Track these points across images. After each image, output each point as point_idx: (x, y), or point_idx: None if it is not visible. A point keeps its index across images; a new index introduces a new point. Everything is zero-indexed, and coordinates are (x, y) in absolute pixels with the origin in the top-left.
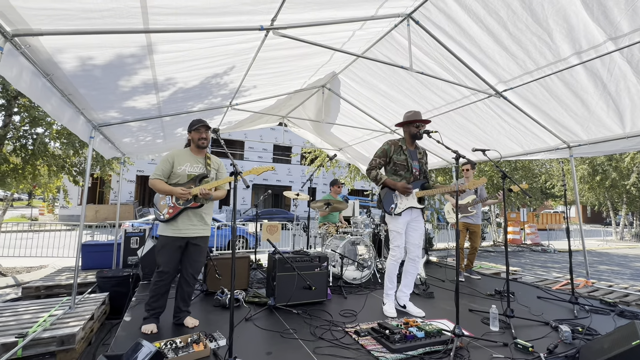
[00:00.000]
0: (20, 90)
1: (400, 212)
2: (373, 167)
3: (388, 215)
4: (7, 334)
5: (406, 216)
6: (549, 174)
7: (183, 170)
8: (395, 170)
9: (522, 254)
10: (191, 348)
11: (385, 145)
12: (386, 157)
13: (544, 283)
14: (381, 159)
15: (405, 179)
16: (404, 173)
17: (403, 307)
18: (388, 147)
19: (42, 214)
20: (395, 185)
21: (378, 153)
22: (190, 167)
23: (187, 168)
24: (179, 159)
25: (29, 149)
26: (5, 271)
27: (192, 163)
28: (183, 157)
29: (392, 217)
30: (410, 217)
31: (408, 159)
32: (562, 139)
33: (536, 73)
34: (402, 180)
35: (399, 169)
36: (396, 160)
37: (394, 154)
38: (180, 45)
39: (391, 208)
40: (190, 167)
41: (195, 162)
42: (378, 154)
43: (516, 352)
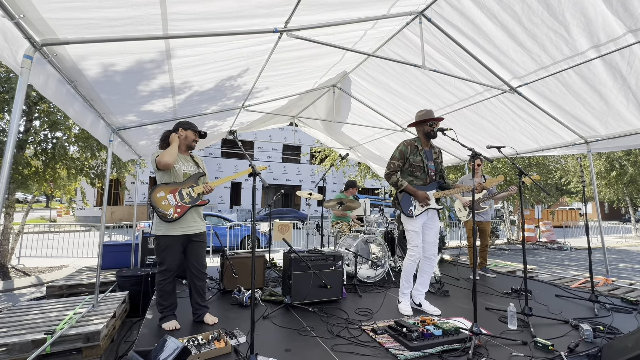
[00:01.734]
0: (47, 96)
1: (420, 213)
2: (393, 171)
3: (406, 216)
4: (35, 330)
5: (423, 217)
6: (565, 170)
7: (179, 169)
8: (411, 172)
9: (538, 252)
10: (213, 345)
11: (401, 146)
12: (403, 158)
13: (562, 281)
14: (399, 162)
15: (421, 180)
16: (420, 174)
17: (419, 306)
18: (404, 148)
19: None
20: (416, 193)
21: (395, 155)
22: (184, 166)
23: (181, 167)
24: None
25: (49, 152)
26: (28, 271)
27: (184, 162)
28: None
29: (410, 219)
30: (427, 217)
31: (424, 159)
32: (579, 134)
33: (552, 68)
34: (419, 181)
35: (415, 170)
36: (412, 161)
37: (411, 154)
38: (198, 49)
39: (410, 210)
40: (184, 166)
41: (186, 161)
42: (395, 156)
43: (536, 351)
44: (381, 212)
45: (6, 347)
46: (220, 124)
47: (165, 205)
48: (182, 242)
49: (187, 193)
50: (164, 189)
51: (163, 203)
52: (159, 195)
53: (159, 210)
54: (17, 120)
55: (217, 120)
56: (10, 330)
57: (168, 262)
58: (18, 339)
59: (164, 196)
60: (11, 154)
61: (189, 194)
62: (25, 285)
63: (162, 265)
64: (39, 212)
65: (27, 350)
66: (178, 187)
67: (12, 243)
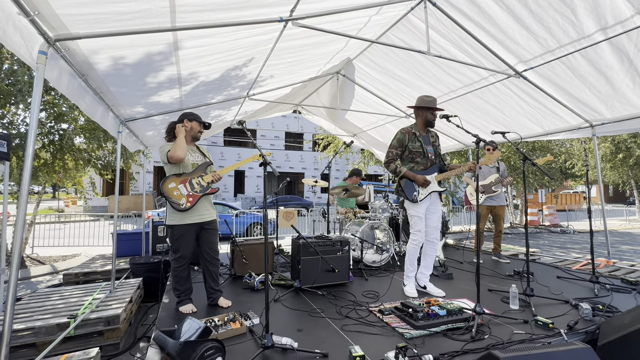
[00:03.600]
0: (60, 90)
1: (424, 198)
2: (391, 159)
3: (410, 202)
4: (58, 315)
5: (427, 202)
6: (569, 154)
7: (187, 160)
8: (412, 158)
9: (541, 235)
10: (229, 326)
11: (399, 134)
12: (402, 146)
13: (564, 263)
14: (397, 150)
15: (422, 165)
16: (421, 159)
17: (424, 288)
18: (402, 136)
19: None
20: (415, 178)
21: (394, 144)
22: (191, 156)
23: (189, 157)
24: None
25: (56, 144)
26: (43, 260)
27: (191, 152)
28: None
29: (414, 204)
30: (430, 201)
31: (423, 144)
32: (584, 118)
33: (558, 51)
34: (420, 166)
35: (416, 156)
36: (412, 148)
37: (409, 142)
38: (204, 40)
39: (414, 196)
40: (191, 157)
41: (192, 151)
42: (394, 145)
43: (536, 329)
44: (386, 199)
45: (32, 330)
46: (225, 113)
47: (178, 196)
48: (195, 230)
49: (197, 182)
50: (174, 180)
51: (175, 193)
52: (170, 186)
53: (172, 201)
54: (36, 115)
55: (222, 110)
56: (34, 314)
57: (183, 250)
58: (43, 323)
59: (175, 186)
60: (33, 148)
61: (199, 183)
62: (41, 273)
63: (177, 253)
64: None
65: (52, 333)
66: (188, 177)
67: (26, 233)
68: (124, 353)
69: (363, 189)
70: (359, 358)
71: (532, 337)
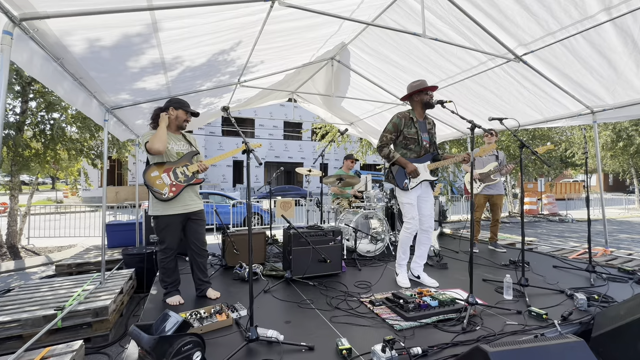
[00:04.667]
0: (33, 75)
1: (415, 186)
2: (385, 143)
3: (401, 189)
4: (46, 307)
5: (418, 189)
6: (569, 142)
7: (171, 148)
8: (405, 144)
9: (539, 224)
10: (215, 318)
11: (395, 119)
12: (397, 131)
13: (561, 252)
14: (392, 134)
15: (415, 153)
16: (414, 147)
17: (417, 278)
18: (398, 120)
19: (67, 197)
20: (406, 165)
21: (388, 128)
22: (176, 145)
23: (174, 146)
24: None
25: (47, 134)
26: (38, 250)
27: (175, 141)
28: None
29: (404, 192)
30: (421, 189)
31: (419, 131)
32: (585, 104)
33: (559, 34)
34: (413, 154)
35: (410, 143)
36: (407, 134)
37: (405, 127)
38: (185, 21)
39: (405, 183)
40: (176, 146)
41: (177, 140)
42: (389, 129)
43: (530, 319)
44: (381, 188)
45: (19, 322)
46: (217, 101)
47: (160, 185)
48: (181, 220)
49: (181, 172)
50: (157, 169)
51: (157, 182)
52: (152, 174)
53: (154, 190)
54: (2, 99)
55: (213, 97)
56: (21, 306)
57: (168, 241)
58: (29, 315)
59: (158, 175)
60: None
61: (184, 172)
62: (36, 264)
63: (162, 244)
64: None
65: (39, 325)
66: (172, 167)
67: (20, 224)
68: (113, 344)
69: (358, 178)
70: (345, 351)
71: (524, 329)
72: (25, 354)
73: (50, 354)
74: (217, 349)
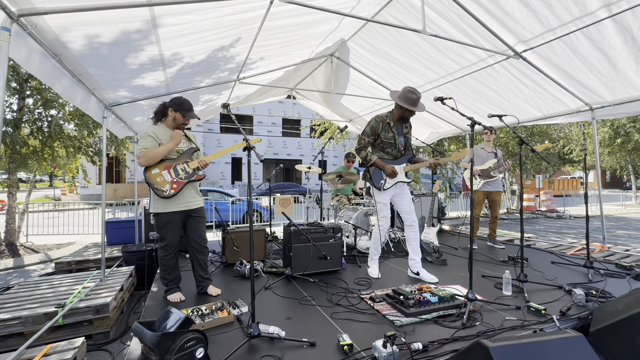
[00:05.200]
0: (31, 72)
1: (390, 187)
2: (363, 146)
3: (376, 189)
4: (47, 304)
5: (392, 190)
6: (568, 139)
7: None
8: (382, 147)
9: (537, 220)
10: (216, 315)
11: (373, 122)
12: (375, 134)
13: (559, 249)
14: (370, 138)
15: (392, 156)
16: (391, 150)
17: (417, 274)
18: (376, 124)
19: (64, 194)
20: (384, 167)
21: (366, 131)
22: None
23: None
24: (162, 136)
25: (45, 131)
26: (37, 248)
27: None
28: (164, 135)
29: (379, 192)
30: (396, 190)
31: (395, 135)
32: (584, 101)
33: (559, 30)
34: (390, 157)
35: (386, 147)
36: (384, 137)
37: (382, 131)
38: (184, 17)
39: (380, 184)
40: None
41: None
42: (367, 132)
43: (529, 315)
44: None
45: (20, 319)
46: (216, 98)
47: (161, 182)
48: (181, 217)
49: (182, 169)
50: (158, 166)
51: (158, 179)
52: (153, 172)
53: (155, 187)
54: (1, 96)
55: (213, 94)
56: (22, 304)
57: (169, 238)
58: (30, 312)
59: (158, 172)
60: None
61: (184, 169)
62: (35, 262)
63: (163, 242)
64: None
65: (39, 322)
66: (172, 164)
67: (18, 222)
68: (114, 341)
69: (358, 175)
70: (346, 347)
71: (523, 324)
72: (27, 351)
73: (52, 351)
74: (219, 345)
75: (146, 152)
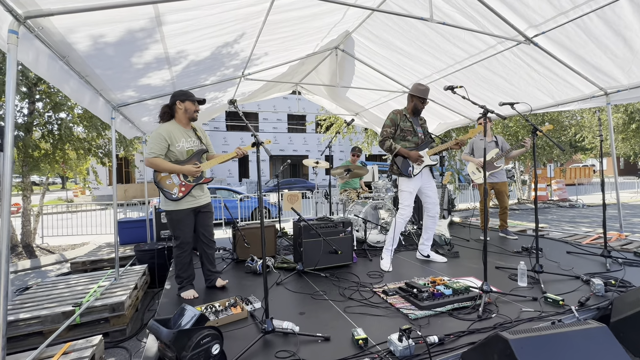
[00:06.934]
0: (40, 74)
1: (418, 172)
2: (386, 137)
3: (405, 177)
4: (64, 303)
5: (419, 178)
6: (580, 126)
7: (182, 147)
8: (403, 137)
9: (549, 210)
10: (230, 311)
11: (391, 115)
12: (395, 125)
13: (574, 238)
14: (391, 128)
15: (413, 143)
16: (412, 137)
17: (427, 257)
18: (395, 116)
19: (77, 196)
20: (409, 154)
21: (387, 123)
22: (187, 142)
23: (184, 144)
24: (173, 135)
25: (55, 134)
26: (52, 249)
27: (186, 138)
28: (176, 133)
29: (408, 179)
30: (422, 179)
31: (413, 125)
32: (598, 86)
33: (572, 12)
34: (412, 144)
35: (407, 135)
36: (403, 127)
37: (401, 121)
38: (188, 13)
39: (409, 170)
40: (186, 143)
41: (188, 136)
42: (387, 124)
43: (546, 306)
44: (389, 178)
45: (39, 318)
46: (222, 95)
47: (170, 185)
48: (192, 214)
49: None
50: None
51: (167, 182)
52: (162, 174)
53: (164, 190)
54: (12, 100)
55: (218, 92)
56: (40, 303)
57: (183, 235)
58: (49, 312)
59: (167, 175)
60: (12, 135)
61: None
62: (51, 262)
63: (177, 239)
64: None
65: (58, 321)
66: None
67: (33, 224)
68: (131, 338)
69: (366, 169)
70: (361, 341)
71: (541, 315)
72: (47, 350)
73: (71, 349)
74: (234, 341)
75: (155, 161)
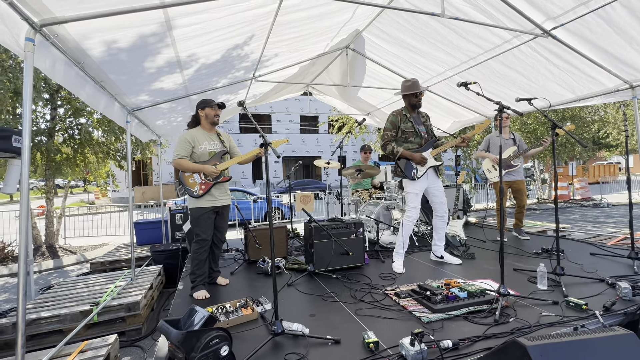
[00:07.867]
0: (57, 81)
1: (422, 174)
2: (387, 141)
3: (409, 180)
4: (82, 302)
5: (424, 180)
6: (603, 122)
7: (204, 149)
8: (405, 138)
9: (571, 210)
10: (240, 312)
11: (391, 117)
12: (395, 128)
13: (598, 239)
14: (392, 131)
15: (416, 144)
16: (414, 139)
17: (441, 258)
18: (394, 118)
19: (98, 198)
20: (413, 156)
21: (387, 127)
22: (209, 145)
23: (206, 146)
24: (197, 138)
25: (76, 139)
26: (74, 250)
27: (209, 141)
28: (200, 137)
29: (412, 181)
30: (428, 180)
31: (414, 124)
32: (623, 79)
33: (593, 3)
34: (415, 145)
35: (409, 136)
36: (404, 128)
37: (401, 123)
38: (198, 17)
39: (413, 173)
40: (209, 145)
41: (211, 139)
42: (387, 127)
43: (568, 310)
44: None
45: (59, 317)
46: (233, 97)
47: (192, 183)
48: (212, 212)
49: None
50: None
51: (190, 181)
52: (186, 173)
53: (187, 188)
54: (28, 105)
55: (229, 94)
56: (60, 302)
57: (202, 232)
58: (68, 310)
59: (191, 174)
60: (29, 140)
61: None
62: (72, 262)
63: (199, 235)
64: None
65: (77, 320)
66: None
67: (57, 225)
68: (146, 337)
69: (378, 168)
70: (372, 344)
71: (562, 320)
72: (65, 347)
73: (87, 347)
74: (243, 342)
75: (180, 162)
